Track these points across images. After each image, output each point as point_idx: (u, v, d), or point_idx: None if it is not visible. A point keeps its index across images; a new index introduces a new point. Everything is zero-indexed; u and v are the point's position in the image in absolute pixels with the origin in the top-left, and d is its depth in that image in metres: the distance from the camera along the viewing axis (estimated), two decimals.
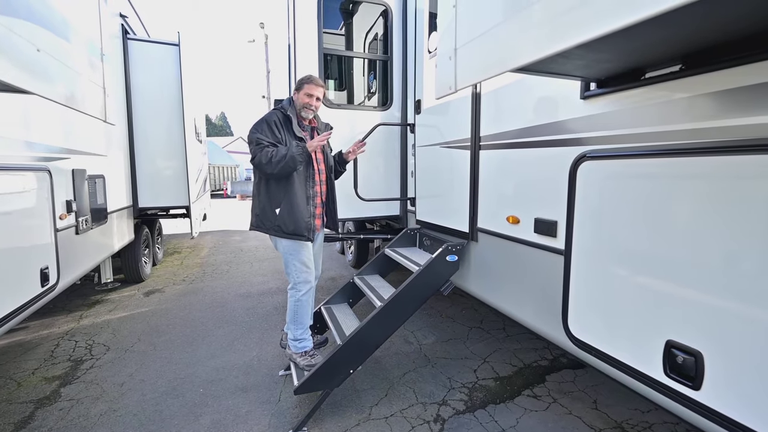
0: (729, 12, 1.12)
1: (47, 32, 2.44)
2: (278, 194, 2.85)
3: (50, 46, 2.42)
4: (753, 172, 1.38)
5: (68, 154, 3.64)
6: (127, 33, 5.65)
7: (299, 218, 2.83)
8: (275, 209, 2.85)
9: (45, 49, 2.31)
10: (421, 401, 2.97)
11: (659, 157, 1.69)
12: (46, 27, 2.43)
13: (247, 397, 3.01)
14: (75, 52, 2.94)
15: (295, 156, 2.69)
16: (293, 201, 2.83)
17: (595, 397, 3.00)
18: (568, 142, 2.18)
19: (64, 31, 2.77)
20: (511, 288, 2.77)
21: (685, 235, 1.60)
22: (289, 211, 2.82)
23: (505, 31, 1.54)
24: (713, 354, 1.51)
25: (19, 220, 2.81)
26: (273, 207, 2.85)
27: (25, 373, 3.39)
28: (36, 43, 2.22)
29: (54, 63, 2.47)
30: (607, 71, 1.82)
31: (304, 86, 2.89)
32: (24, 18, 2.14)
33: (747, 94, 1.40)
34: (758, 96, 1.37)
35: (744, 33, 1.32)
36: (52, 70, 2.48)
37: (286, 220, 2.83)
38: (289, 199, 2.83)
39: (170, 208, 6.40)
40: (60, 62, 2.58)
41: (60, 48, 2.62)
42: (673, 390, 1.64)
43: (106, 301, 5.26)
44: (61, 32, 2.72)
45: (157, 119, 5.85)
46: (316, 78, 2.93)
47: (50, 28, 2.49)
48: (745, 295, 1.41)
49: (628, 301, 1.84)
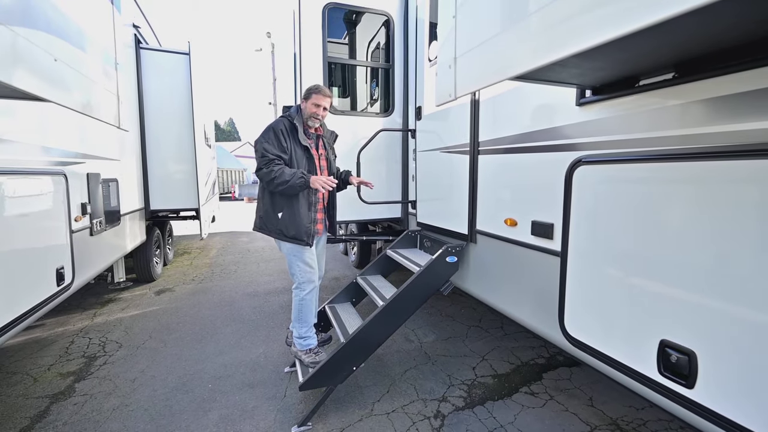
0: (720, 24, 1.12)
1: (64, 43, 2.45)
2: (281, 199, 2.84)
3: (66, 56, 2.43)
4: (743, 176, 1.37)
5: (83, 159, 3.66)
6: (140, 42, 5.67)
7: (300, 224, 2.82)
8: (278, 213, 2.84)
9: (62, 59, 2.31)
10: (422, 397, 2.95)
11: (652, 162, 1.68)
12: (62, 37, 2.43)
13: (253, 392, 3.01)
14: (90, 61, 2.94)
15: (296, 187, 2.70)
16: (295, 207, 2.82)
17: (591, 394, 2.99)
18: (563, 147, 2.18)
19: (80, 41, 2.77)
20: (509, 288, 2.76)
21: (677, 237, 1.59)
22: (290, 217, 2.82)
23: (504, 40, 1.54)
24: (706, 353, 1.50)
25: (37, 222, 2.83)
26: (276, 211, 2.85)
27: (41, 369, 3.40)
28: (53, 53, 2.22)
29: (70, 72, 2.47)
30: (602, 79, 1.81)
31: (312, 96, 2.86)
32: (42, 29, 2.15)
33: (737, 101, 1.40)
34: (748, 103, 1.36)
35: (734, 42, 1.31)
36: (69, 78, 2.48)
37: (288, 224, 2.82)
38: (291, 205, 2.82)
39: (181, 210, 6.40)
40: (76, 71, 2.58)
41: (76, 57, 2.62)
42: (667, 388, 1.63)
43: (118, 300, 5.26)
44: (78, 42, 2.72)
45: (168, 125, 5.86)
46: (324, 88, 2.91)
47: (66, 39, 2.50)
48: (737, 295, 1.40)
49: (623, 301, 1.83)
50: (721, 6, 0.85)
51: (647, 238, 1.71)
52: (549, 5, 1.30)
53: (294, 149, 2.82)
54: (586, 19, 1.15)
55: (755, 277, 1.34)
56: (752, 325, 1.36)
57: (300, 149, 2.85)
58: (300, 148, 2.85)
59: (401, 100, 4.35)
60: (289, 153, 2.80)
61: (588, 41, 1.13)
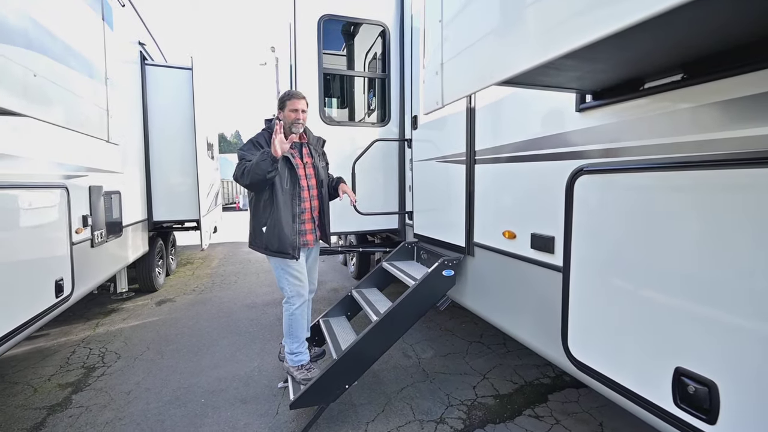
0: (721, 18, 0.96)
1: (47, 59, 2.39)
2: (264, 213, 2.70)
3: (48, 72, 2.37)
4: (764, 183, 1.19)
5: (86, 172, 3.63)
6: (145, 59, 5.67)
7: (283, 236, 2.67)
8: (262, 228, 2.71)
9: (42, 74, 2.25)
10: (419, 418, 2.74)
11: (660, 171, 1.50)
12: (46, 54, 2.37)
13: (246, 408, 2.85)
14: (75, 77, 2.87)
15: (259, 162, 2.46)
16: (278, 219, 2.67)
17: (601, 419, 2.71)
18: (564, 155, 2.00)
19: (65, 58, 2.70)
20: (509, 304, 2.56)
21: (690, 252, 1.40)
22: (273, 230, 2.67)
23: (489, 44, 1.39)
24: (729, 385, 1.29)
25: (37, 234, 2.79)
26: (260, 226, 2.71)
27: (41, 379, 3.35)
28: (33, 69, 2.15)
29: (52, 87, 2.41)
30: (603, 82, 1.64)
31: (287, 103, 2.73)
32: (22, 45, 2.09)
33: (754, 104, 1.21)
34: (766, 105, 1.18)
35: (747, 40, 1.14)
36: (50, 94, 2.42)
37: (272, 238, 2.67)
38: (273, 218, 2.67)
39: (183, 221, 6.33)
40: (59, 86, 2.53)
41: (59, 73, 2.55)
42: (685, 422, 1.41)
43: (120, 310, 5.17)
44: (62, 59, 2.65)
45: (171, 138, 5.82)
46: (295, 92, 2.80)
47: (50, 55, 2.44)
48: (763, 318, 1.19)
49: (632, 322, 1.63)
50: None
51: (656, 252, 1.52)
52: (537, 3, 1.15)
53: None
54: (575, 17, 1.00)
55: None
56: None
57: (281, 159, 2.69)
58: (281, 158, 2.70)
59: (397, 110, 4.21)
60: None
61: (579, 40, 0.99)
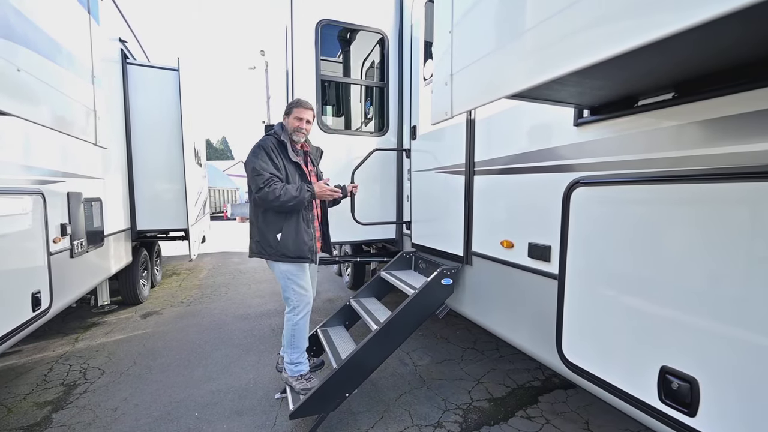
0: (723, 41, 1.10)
1: (30, 52, 2.30)
2: (278, 220, 2.75)
3: (32, 67, 2.29)
4: (745, 198, 1.35)
5: (63, 177, 3.51)
6: (127, 58, 5.54)
7: (302, 242, 2.75)
8: (276, 234, 2.74)
9: (26, 69, 2.18)
10: (417, 423, 2.85)
11: (652, 184, 1.65)
12: (27, 47, 2.28)
13: (242, 421, 2.88)
14: (62, 73, 2.76)
15: (304, 201, 2.67)
16: (295, 225, 2.74)
17: (587, 418, 2.91)
18: (561, 168, 2.15)
19: (49, 52, 2.60)
20: (506, 311, 2.69)
21: (678, 260, 1.55)
22: (291, 236, 2.73)
23: (502, 57, 1.51)
24: (708, 381, 1.45)
25: (9, 244, 2.66)
26: (274, 233, 2.75)
27: (16, 399, 3.23)
28: (15, 63, 2.08)
29: (36, 84, 2.33)
30: (600, 99, 1.80)
31: (294, 110, 2.82)
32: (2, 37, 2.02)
33: (737, 123, 1.38)
34: (748, 124, 1.34)
35: (734, 62, 1.30)
36: (35, 91, 2.35)
37: (290, 244, 2.73)
38: (290, 224, 2.74)
39: (169, 230, 6.22)
40: (44, 83, 2.44)
41: (44, 69, 2.46)
42: (668, 416, 1.58)
43: (102, 324, 5.07)
44: (47, 53, 2.55)
45: (156, 143, 5.70)
46: (304, 101, 2.87)
47: (33, 49, 2.35)
48: (740, 321, 1.36)
49: (622, 326, 1.79)
50: (721, 24, 0.83)
51: (647, 261, 1.67)
52: (547, 21, 1.25)
53: (286, 166, 2.76)
54: (585, 37, 1.12)
55: (759, 302, 1.30)
56: (756, 353, 1.31)
57: (291, 166, 2.79)
58: (291, 165, 2.79)
59: (396, 120, 4.32)
60: (282, 171, 2.74)
61: (589, 58, 1.10)
